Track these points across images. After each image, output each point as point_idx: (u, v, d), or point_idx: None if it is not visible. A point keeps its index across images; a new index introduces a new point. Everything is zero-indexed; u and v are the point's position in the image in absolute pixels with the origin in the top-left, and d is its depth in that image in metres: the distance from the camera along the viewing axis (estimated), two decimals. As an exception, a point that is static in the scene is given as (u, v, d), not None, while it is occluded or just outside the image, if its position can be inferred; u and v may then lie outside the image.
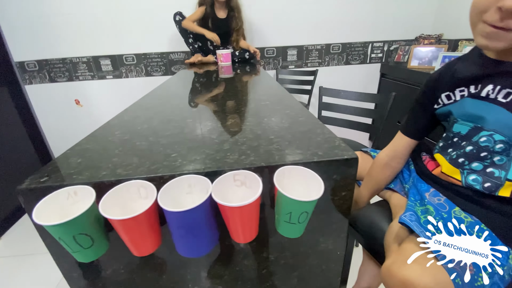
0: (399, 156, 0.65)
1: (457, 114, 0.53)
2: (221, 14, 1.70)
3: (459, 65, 0.54)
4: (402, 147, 0.64)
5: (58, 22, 1.85)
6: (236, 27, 1.72)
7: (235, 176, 0.39)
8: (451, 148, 0.56)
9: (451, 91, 0.54)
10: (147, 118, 0.64)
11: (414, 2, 2.09)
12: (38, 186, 0.37)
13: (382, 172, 0.66)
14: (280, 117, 0.61)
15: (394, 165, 0.65)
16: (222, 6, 1.68)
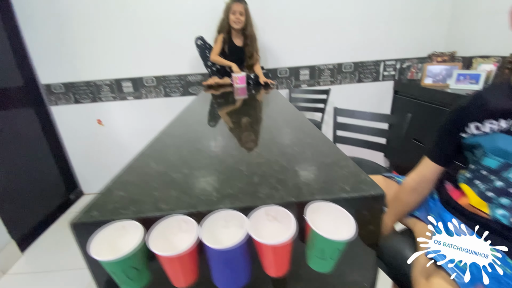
0: (426, 181, 0.65)
1: (487, 148, 0.53)
2: (238, 42, 1.80)
3: (489, 95, 0.55)
4: (429, 173, 0.64)
5: (83, 47, 1.99)
6: (249, 55, 1.83)
7: (268, 211, 0.42)
8: (479, 181, 0.56)
9: (480, 122, 0.54)
10: (177, 147, 0.69)
11: (425, 20, 2.12)
12: (89, 221, 0.40)
13: (409, 196, 0.67)
14: (303, 147, 0.63)
15: (421, 190, 0.66)
16: (238, 34, 1.77)
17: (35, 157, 2.03)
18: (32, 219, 1.91)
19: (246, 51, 1.82)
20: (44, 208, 2.04)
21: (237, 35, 1.78)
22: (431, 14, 2.11)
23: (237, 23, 1.68)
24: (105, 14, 1.92)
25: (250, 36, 1.76)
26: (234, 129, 0.85)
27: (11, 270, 1.60)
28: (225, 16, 1.70)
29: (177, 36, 2.00)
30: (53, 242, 1.85)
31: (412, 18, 2.11)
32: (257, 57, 1.88)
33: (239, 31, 1.75)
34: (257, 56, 1.86)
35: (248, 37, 1.77)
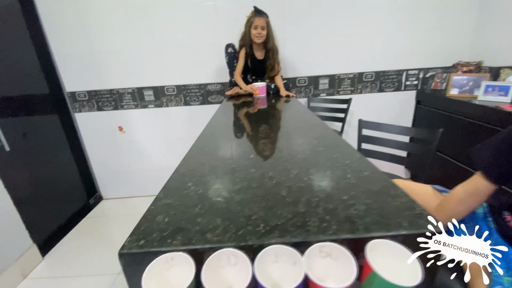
0: (477, 195, 0.61)
1: None
2: (259, 55, 1.81)
3: None
4: (482, 188, 0.60)
5: (107, 57, 2.04)
6: (270, 67, 1.83)
7: (321, 248, 0.40)
8: None
9: None
10: (211, 166, 0.68)
11: (449, 28, 2.06)
12: (138, 252, 0.39)
13: (456, 206, 0.63)
14: (343, 170, 0.61)
15: (469, 203, 0.62)
16: (260, 47, 1.78)
17: (58, 162, 2.08)
18: (53, 224, 1.95)
19: (267, 64, 1.83)
20: (65, 212, 2.08)
21: (259, 48, 1.79)
22: (456, 22, 2.05)
23: (258, 38, 1.69)
24: (130, 25, 1.96)
25: (272, 49, 1.77)
26: (264, 144, 0.84)
27: (31, 274, 1.64)
28: (246, 31, 1.71)
29: (198, 47, 2.03)
30: (73, 247, 1.88)
31: (436, 26, 2.05)
32: (278, 69, 1.88)
33: (261, 44, 1.76)
34: (278, 68, 1.87)
35: (270, 50, 1.77)
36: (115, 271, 1.60)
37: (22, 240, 1.65)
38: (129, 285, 0.41)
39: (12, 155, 1.66)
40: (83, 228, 2.10)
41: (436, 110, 2.03)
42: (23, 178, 1.75)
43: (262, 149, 0.80)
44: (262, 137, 0.91)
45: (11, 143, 1.62)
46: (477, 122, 1.66)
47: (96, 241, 1.91)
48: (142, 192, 2.45)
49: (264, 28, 1.68)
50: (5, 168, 1.60)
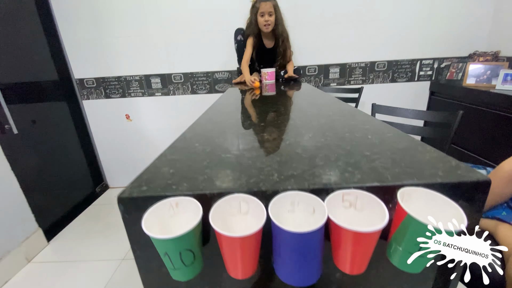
0: None
1: None
2: (268, 43, 1.69)
3: None
4: None
5: (115, 44, 2.03)
6: (280, 55, 1.70)
7: (345, 195, 0.35)
8: None
9: None
10: (220, 131, 0.64)
11: (466, 17, 1.98)
12: (140, 196, 0.35)
13: (506, 186, 0.57)
14: (363, 132, 0.56)
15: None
16: (269, 35, 1.65)
17: (66, 149, 2.08)
18: (60, 209, 1.95)
19: (277, 51, 1.70)
20: (71, 199, 2.07)
21: (268, 36, 1.66)
22: (472, 11, 1.96)
23: (266, 27, 1.55)
24: (138, 12, 1.95)
25: (282, 36, 1.63)
26: (277, 116, 0.79)
27: (36, 258, 1.63)
28: (252, 18, 1.56)
29: (207, 34, 2.00)
30: (78, 233, 1.87)
31: (453, 15, 1.97)
32: (290, 54, 1.77)
33: (270, 32, 1.63)
34: (290, 53, 1.76)
35: (279, 37, 1.63)
36: (119, 257, 1.58)
37: (27, 224, 1.64)
38: (128, 235, 0.37)
39: (20, 139, 1.66)
40: (89, 215, 2.09)
41: (452, 101, 1.95)
42: (31, 163, 1.75)
43: (274, 119, 0.75)
44: (272, 110, 0.87)
45: (20, 129, 1.62)
46: (497, 111, 1.58)
47: (102, 227, 1.90)
48: (148, 181, 2.42)
49: (272, 13, 1.52)
50: (13, 151, 1.59)
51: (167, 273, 0.34)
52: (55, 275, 1.49)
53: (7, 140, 1.57)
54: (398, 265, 0.34)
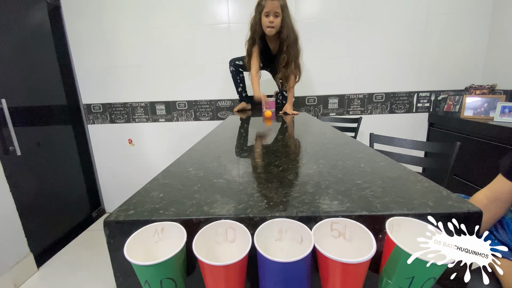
0: (501, 200, 0.56)
1: None
2: (273, 47, 1.50)
3: None
4: (506, 191, 0.55)
5: (124, 72, 2.13)
6: (283, 63, 1.43)
7: (333, 224, 0.34)
8: None
9: None
10: (215, 156, 0.64)
11: (461, 52, 2.07)
12: (125, 220, 0.35)
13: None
14: (356, 160, 0.56)
15: (494, 209, 0.57)
16: (274, 37, 1.45)
17: (66, 172, 2.09)
18: (53, 234, 1.90)
19: (280, 58, 1.44)
20: (66, 223, 2.03)
21: (273, 40, 1.45)
22: (467, 45, 2.06)
23: (270, 29, 1.35)
24: (147, 43, 2.07)
25: (287, 40, 1.38)
26: (272, 143, 0.80)
27: (24, 285, 1.55)
28: (256, 18, 1.38)
29: (211, 64, 2.10)
30: (69, 260, 1.80)
31: (448, 49, 2.07)
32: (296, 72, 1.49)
33: (275, 36, 1.42)
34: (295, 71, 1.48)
35: (284, 41, 1.38)
36: (109, 287, 1.50)
37: (19, 248, 1.60)
38: (112, 261, 0.36)
39: (22, 161, 1.67)
40: (82, 240, 2.03)
41: (451, 132, 1.96)
42: (30, 185, 1.75)
43: (269, 146, 0.76)
44: (269, 137, 0.88)
45: (24, 151, 1.64)
46: (495, 143, 1.58)
47: (94, 255, 1.83)
48: (146, 207, 2.38)
49: (278, 14, 1.31)
50: (14, 173, 1.60)
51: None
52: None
53: (9, 161, 1.59)
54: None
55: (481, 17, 2.01)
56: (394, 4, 1.99)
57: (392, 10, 2.00)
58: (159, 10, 2.02)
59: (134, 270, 0.30)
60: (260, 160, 0.60)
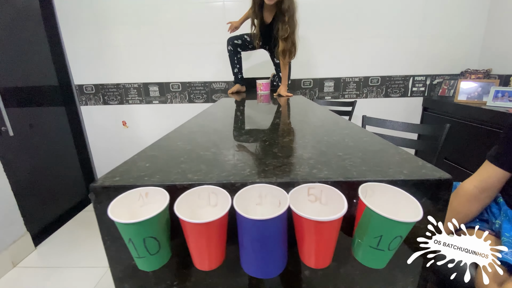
0: (489, 189, 0.57)
1: None
2: (268, 17, 1.46)
3: None
4: (494, 179, 0.56)
5: (116, 52, 2.09)
6: (284, 35, 1.37)
7: (310, 189, 0.36)
8: None
9: None
10: (205, 133, 0.65)
11: (458, 36, 2.05)
12: (111, 185, 0.36)
13: (469, 205, 0.58)
14: (341, 136, 0.58)
15: (483, 198, 0.58)
16: (271, 8, 1.41)
17: (61, 154, 2.09)
18: (49, 214, 1.93)
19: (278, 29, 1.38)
20: (62, 204, 2.06)
21: (269, 9, 1.41)
22: (464, 29, 2.04)
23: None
24: (140, 22, 2.02)
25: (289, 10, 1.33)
26: (262, 122, 0.81)
27: (22, 263, 1.59)
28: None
29: (205, 45, 2.06)
30: (66, 239, 1.84)
31: (445, 33, 2.04)
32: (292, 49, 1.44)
33: (273, 6, 1.36)
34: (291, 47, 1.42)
35: (286, 11, 1.33)
36: (106, 264, 1.54)
37: (16, 227, 1.62)
38: (99, 226, 0.38)
39: (16, 142, 1.67)
40: (78, 221, 2.07)
41: (444, 117, 1.98)
42: (24, 166, 1.75)
43: (258, 123, 0.77)
44: (260, 117, 0.89)
45: (17, 132, 1.63)
46: (487, 127, 1.61)
47: (90, 234, 1.87)
48: (141, 189, 2.42)
49: None
50: (7, 153, 1.60)
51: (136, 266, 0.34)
52: (40, 280, 1.46)
53: (2, 142, 1.58)
54: (361, 260, 0.35)
55: (479, 1, 1.97)
56: (393, -16, 1.94)
57: (390, -9, 1.95)
58: (150, -14, 1.95)
59: (119, 230, 0.32)
60: (248, 136, 0.61)
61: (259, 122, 0.79)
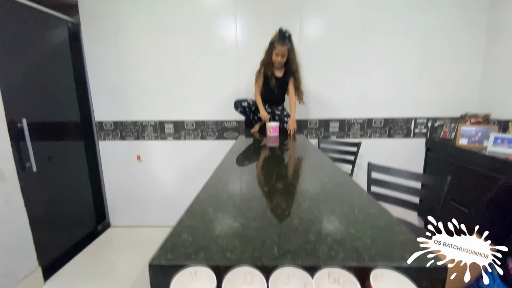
0: None
1: None
2: (278, 73, 1.86)
3: None
4: None
5: (136, 92, 2.26)
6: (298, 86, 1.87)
7: (330, 273, 0.44)
8: None
9: None
10: (229, 195, 0.74)
11: (456, 81, 2.19)
12: (167, 265, 0.45)
13: None
14: (352, 207, 0.66)
15: None
16: (281, 67, 1.84)
17: (76, 186, 2.18)
18: (60, 247, 1.97)
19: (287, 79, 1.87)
20: (73, 236, 2.11)
21: (279, 68, 1.86)
22: (462, 75, 2.18)
23: (277, 64, 1.79)
24: (159, 65, 2.21)
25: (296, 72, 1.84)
26: (278, 180, 0.90)
27: (32, 299, 1.61)
28: (269, 53, 1.77)
29: (219, 87, 2.24)
30: (76, 274, 1.87)
31: (444, 78, 2.19)
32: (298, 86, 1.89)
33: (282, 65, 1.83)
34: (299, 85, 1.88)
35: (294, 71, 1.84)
36: (114, 302, 1.56)
37: (29, 262, 1.67)
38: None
39: (37, 176, 1.76)
40: (88, 254, 2.10)
41: (447, 159, 2.06)
42: (41, 199, 1.83)
43: (276, 183, 0.86)
44: (275, 172, 0.98)
45: (37, 165, 1.73)
46: (488, 173, 1.67)
47: (99, 269, 1.90)
48: (151, 221, 2.47)
49: (284, 55, 1.74)
50: (29, 188, 1.69)
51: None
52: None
53: (25, 177, 1.67)
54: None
55: (475, 49, 2.14)
56: (392, 34, 2.13)
57: (389, 40, 2.14)
58: (172, 35, 2.16)
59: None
60: (269, 201, 0.70)
61: (275, 181, 0.88)
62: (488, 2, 2.06)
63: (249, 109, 1.94)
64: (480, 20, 2.09)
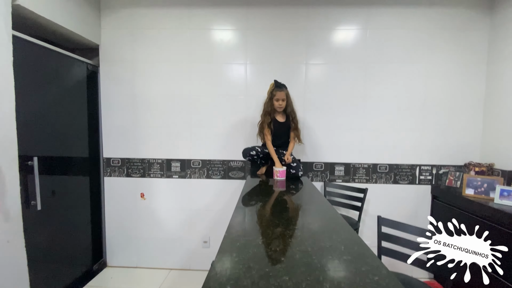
0: None
1: None
2: (280, 118, 2.04)
3: None
4: None
5: (146, 132, 2.31)
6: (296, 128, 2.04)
7: None
8: None
9: None
10: (243, 268, 0.73)
11: (458, 130, 2.25)
12: None
13: None
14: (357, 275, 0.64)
15: None
16: (280, 113, 2.04)
17: (75, 223, 2.12)
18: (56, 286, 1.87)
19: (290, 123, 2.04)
20: (68, 276, 2.01)
21: (279, 113, 2.05)
22: (463, 125, 2.24)
23: (279, 108, 1.97)
24: (171, 107, 2.29)
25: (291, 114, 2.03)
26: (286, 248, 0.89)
27: None
28: (268, 103, 1.99)
29: (226, 129, 2.29)
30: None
31: (445, 128, 2.25)
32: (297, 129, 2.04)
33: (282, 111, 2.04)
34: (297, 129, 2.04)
35: (289, 114, 2.03)
36: None
37: (21, 307, 1.57)
38: None
39: (40, 214, 1.73)
40: (81, 299, 1.99)
41: (453, 207, 2.04)
42: (42, 238, 1.78)
43: (285, 246, 0.85)
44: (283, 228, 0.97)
45: (41, 201, 1.70)
46: (496, 225, 1.65)
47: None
48: (149, 263, 2.37)
49: (284, 99, 1.96)
50: (31, 227, 1.64)
51: None
52: None
53: (29, 215, 1.63)
54: None
55: (475, 101, 2.23)
56: (393, 83, 2.24)
57: (391, 88, 2.24)
58: (186, 80, 2.27)
59: None
60: (288, 278, 0.68)
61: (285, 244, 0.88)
62: (485, 55, 2.19)
63: (257, 156, 2.00)
64: (478, 70, 2.21)
